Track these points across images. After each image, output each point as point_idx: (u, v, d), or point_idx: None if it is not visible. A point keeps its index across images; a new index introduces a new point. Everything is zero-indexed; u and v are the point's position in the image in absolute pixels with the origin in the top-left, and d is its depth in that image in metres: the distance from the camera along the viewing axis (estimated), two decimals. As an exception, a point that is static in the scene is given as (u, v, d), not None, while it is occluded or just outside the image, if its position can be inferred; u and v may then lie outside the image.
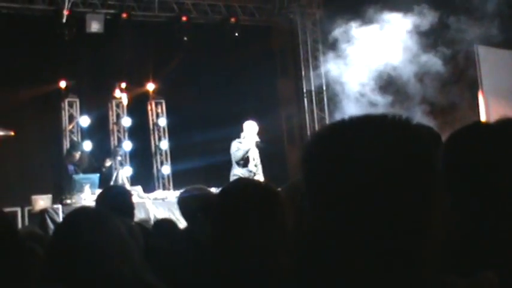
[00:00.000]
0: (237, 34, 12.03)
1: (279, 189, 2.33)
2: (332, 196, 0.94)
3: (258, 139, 9.30)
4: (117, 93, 12.36)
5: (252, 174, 9.10)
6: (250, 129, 9.31)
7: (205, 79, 11.49)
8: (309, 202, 0.98)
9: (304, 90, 12.64)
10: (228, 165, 9.27)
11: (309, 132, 12.35)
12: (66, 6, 10.67)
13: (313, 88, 12.48)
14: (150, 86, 12.91)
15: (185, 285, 2.14)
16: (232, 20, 12.17)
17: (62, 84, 11.96)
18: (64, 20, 10.69)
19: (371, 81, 9.61)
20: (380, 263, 0.92)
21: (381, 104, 9.43)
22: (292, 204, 2.04)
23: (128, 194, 4.32)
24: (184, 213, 4.62)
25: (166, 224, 4.24)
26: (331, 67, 10.14)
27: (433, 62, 8.88)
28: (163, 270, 2.22)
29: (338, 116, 10.63)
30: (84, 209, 2.16)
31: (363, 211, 0.92)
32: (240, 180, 2.45)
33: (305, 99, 12.64)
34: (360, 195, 0.92)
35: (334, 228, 0.94)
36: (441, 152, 1.35)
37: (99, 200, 4.20)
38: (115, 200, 3.86)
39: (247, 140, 9.24)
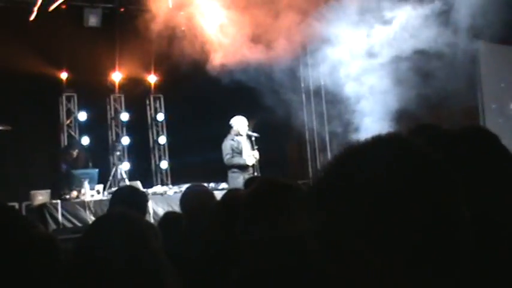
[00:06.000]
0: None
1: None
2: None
3: (251, 133, 9.21)
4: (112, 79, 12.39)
5: (251, 169, 9.09)
6: (241, 124, 9.22)
7: (204, 74, 11.43)
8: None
9: (302, 85, 12.58)
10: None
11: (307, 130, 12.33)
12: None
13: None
14: (152, 78, 12.90)
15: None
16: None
17: (60, 78, 11.93)
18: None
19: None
20: None
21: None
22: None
23: (143, 197, 4.38)
24: (186, 208, 4.64)
25: (171, 219, 4.23)
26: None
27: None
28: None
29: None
30: (125, 217, 2.09)
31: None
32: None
33: (303, 95, 12.58)
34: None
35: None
36: None
37: (113, 198, 4.27)
38: (129, 200, 3.90)
39: (241, 138, 9.17)
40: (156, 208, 9.08)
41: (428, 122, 8.29)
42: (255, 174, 8.99)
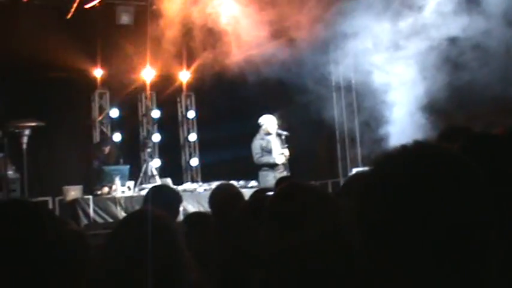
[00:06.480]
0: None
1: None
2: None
3: (280, 131, 9.17)
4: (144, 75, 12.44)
5: (281, 167, 9.07)
6: (270, 123, 9.18)
7: (235, 72, 11.44)
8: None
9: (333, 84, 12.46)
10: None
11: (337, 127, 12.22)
12: None
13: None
14: (183, 76, 12.97)
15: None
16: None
17: (94, 75, 12.07)
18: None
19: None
20: None
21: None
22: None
23: (177, 197, 4.46)
24: (214, 208, 4.67)
25: (197, 219, 4.25)
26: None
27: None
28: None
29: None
30: (156, 217, 2.12)
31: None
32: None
33: (333, 93, 12.44)
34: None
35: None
36: None
37: (148, 196, 4.36)
38: (163, 199, 3.99)
39: (271, 137, 9.15)
40: (185, 205, 9.12)
41: (458, 116, 8.13)
42: (285, 172, 8.97)
